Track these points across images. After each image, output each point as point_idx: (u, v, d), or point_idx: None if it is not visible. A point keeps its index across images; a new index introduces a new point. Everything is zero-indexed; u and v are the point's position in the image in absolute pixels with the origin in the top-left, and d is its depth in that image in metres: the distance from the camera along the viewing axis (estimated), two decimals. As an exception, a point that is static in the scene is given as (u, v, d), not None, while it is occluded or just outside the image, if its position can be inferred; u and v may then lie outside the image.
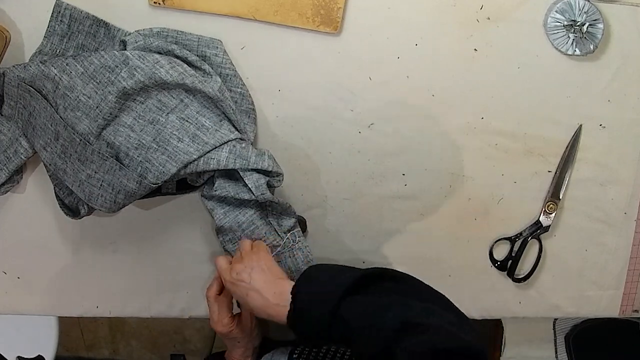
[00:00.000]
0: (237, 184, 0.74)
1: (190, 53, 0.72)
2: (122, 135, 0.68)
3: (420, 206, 0.85)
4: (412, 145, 0.82)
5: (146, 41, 0.70)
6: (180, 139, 0.69)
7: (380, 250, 0.87)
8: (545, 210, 0.85)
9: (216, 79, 0.72)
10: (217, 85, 0.70)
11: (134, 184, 0.68)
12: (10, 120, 0.73)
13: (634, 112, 0.84)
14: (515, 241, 0.87)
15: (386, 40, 0.78)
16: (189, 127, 0.69)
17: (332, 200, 0.84)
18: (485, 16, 0.78)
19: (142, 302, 0.86)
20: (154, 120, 0.69)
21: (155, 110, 0.69)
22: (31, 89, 0.69)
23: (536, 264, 0.87)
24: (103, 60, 0.66)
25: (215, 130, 0.70)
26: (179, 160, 0.68)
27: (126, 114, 0.68)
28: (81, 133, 0.67)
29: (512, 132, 0.83)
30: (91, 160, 0.67)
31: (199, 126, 0.70)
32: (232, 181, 0.74)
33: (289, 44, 0.77)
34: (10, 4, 0.73)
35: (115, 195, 0.69)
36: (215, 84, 0.70)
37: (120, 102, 0.67)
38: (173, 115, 0.69)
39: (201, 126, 0.70)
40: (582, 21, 0.78)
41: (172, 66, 0.68)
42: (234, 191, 0.73)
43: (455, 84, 0.80)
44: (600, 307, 0.92)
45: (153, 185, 0.68)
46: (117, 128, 0.68)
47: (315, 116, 0.80)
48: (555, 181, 0.84)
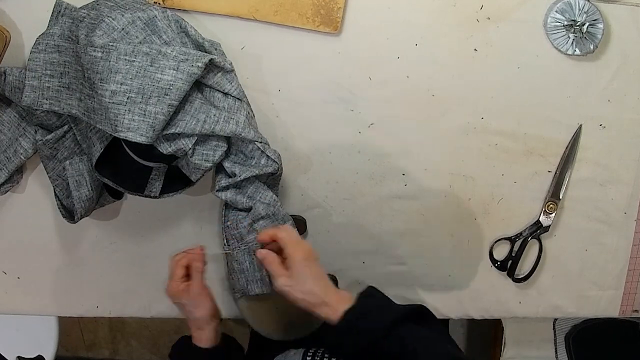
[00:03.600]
0: (251, 162, 0.74)
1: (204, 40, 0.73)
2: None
3: (420, 206, 0.85)
4: (412, 145, 0.82)
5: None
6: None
7: (380, 250, 0.87)
8: (545, 210, 0.85)
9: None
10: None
11: (170, 73, 0.67)
12: (35, 91, 0.70)
13: (634, 112, 0.84)
14: (515, 241, 0.87)
15: (386, 40, 0.78)
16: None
17: (332, 200, 0.84)
18: (485, 16, 0.78)
19: (142, 302, 0.86)
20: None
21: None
22: (61, 43, 0.69)
23: (536, 264, 0.87)
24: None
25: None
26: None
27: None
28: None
29: (512, 132, 0.83)
30: (117, 70, 0.66)
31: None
32: (239, 164, 0.75)
33: (289, 44, 0.77)
34: (10, 4, 0.73)
35: (146, 102, 0.66)
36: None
37: (147, 30, 0.67)
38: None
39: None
40: (582, 21, 0.78)
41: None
42: (252, 171, 0.74)
43: (455, 84, 0.80)
44: (600, 307, 0.92)
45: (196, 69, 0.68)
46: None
47: (315, 116, 0.80)
48: (555, 181, 0.84)
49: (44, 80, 0.70)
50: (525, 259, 0.88)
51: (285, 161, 0.81)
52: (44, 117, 0.73)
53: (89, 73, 0.66)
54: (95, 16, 0.66)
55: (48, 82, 0.70)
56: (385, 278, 0.88)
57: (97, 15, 0.67)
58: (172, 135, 0.69)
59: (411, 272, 0.88)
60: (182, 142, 0.69)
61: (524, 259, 0.88)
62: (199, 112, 0.69)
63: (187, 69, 0.67)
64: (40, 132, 0.74)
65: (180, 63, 0.67)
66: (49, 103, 0.71)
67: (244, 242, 0.76)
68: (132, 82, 0.66)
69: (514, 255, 0.87)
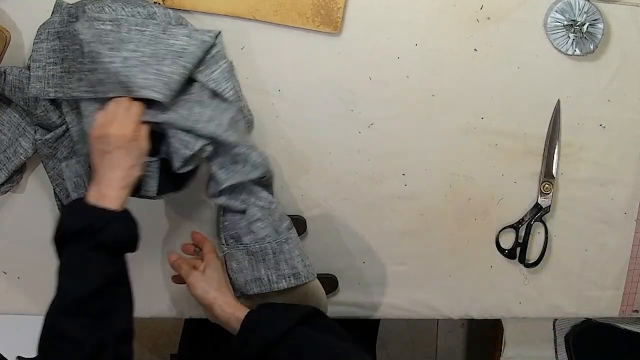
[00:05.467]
0: (235, 167, 0.74)
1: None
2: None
3: (420, 206, 0.85)
4: (412, 145, 0.82)
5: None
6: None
7: (380, 250, 0.87)
8: (542, 191, 0.85)
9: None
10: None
11: (183, 39, 0.67)
12: (40, 81, 0.71)
13: (634, 112, 0.84)
14: (519, 227, 0.87)
15: (386, 40, 0.78)
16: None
17: (332, 200, 0.84)
18: (485, 16, 0.78)
19: (142, 302, 0.86)
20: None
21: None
22: (60, 29, 0.69)
23: (545, 247, 0.87)
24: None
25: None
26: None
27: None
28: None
29: (512, 132, 0.83)
30: (129, 40, 0.66)
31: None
32: (225, 169, 0.74)
33: (289, 44, 0.77)
34: (10, 4, 0.73)
35: (160, 66, 0.66)
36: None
37: (146, 22, 0.68)
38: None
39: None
40: (582, 21, 0.78)
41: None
42: (236, 177, 0.73)
43: (455, 84, 0.80)
44: (600, 307, 0.92)
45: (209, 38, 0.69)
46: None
47: (315, 116, 0.80)
48: (545, 160, 0.84)
49: (48, 69, 0.70)
50: (531, 247, 0.88)
51: (285, 161, 0.81)
52: (43, 116, 0.73)
53: (92, 46, 0.65)
54: (99, 7, 0.67)
55: (52, 69, 0.71)
56: (385, 278, 0.88)
57: (100, 6, 0.67)
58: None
59: (411, 272, 0.88)
60: (163, 116, 0.68)
61: (531, 245, 0.88)
62: (182, 107, 0.68)
63: (199, 36, 0.68)
64: (40, 131, 0.74)
65: (193, 32, 0.69)
66: (54, 91, 0.71)
67: (242, 242, 0.76)
68: (145, 48, 0.66)
69: (521, 241, 0.87)
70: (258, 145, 0.80)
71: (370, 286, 0.88)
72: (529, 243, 0.87)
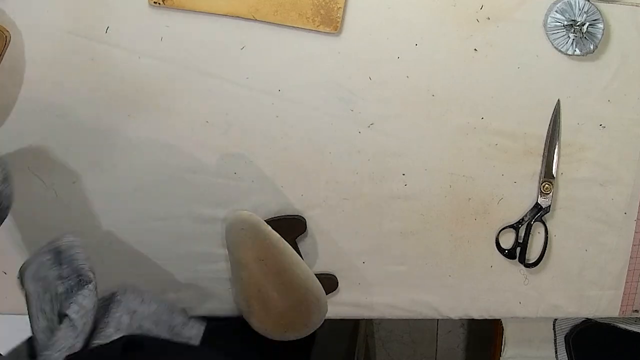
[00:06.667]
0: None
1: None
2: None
3: (420, 206, 0.85)
4: (412, 145, 0.82)
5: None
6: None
7: (380, 250, 0.87)
8: (542, 191, 0.85)
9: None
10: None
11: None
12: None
13: (634, 112, 0.84)
14: (519, 227, 0.87)
15: (386, 40, 0.78)
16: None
17: (332, 200, 0.84)
18: (485, 16, 0.78)
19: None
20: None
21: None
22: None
23: (545, 247, 0.87)
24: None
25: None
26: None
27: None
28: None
29: (512, 132, 0.83)
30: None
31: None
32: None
33: (289, 44, 0.77)
34: (10, 4, 0.73)
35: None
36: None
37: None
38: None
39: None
40: (582, 21, 0.78)
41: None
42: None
43: (455, 84, 0.80)
44: (600, 307, 0.92)
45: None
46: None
47: (315, 116, 0.80)
48: (545, 160, 0.84)
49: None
50: (531, 247, 0.88)
51: (285, 161, 0.81)
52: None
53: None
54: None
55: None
56: (385, 278, 0.88)
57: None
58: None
59: (411, 272, 0.88)
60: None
61: (531, 245, 0.88)
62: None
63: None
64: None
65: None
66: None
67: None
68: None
69: (521, 241, 0.87)
70: (258, 146, 0.81)
71: (370, 286, 0.88)
72: (529, 243, 0.87)
